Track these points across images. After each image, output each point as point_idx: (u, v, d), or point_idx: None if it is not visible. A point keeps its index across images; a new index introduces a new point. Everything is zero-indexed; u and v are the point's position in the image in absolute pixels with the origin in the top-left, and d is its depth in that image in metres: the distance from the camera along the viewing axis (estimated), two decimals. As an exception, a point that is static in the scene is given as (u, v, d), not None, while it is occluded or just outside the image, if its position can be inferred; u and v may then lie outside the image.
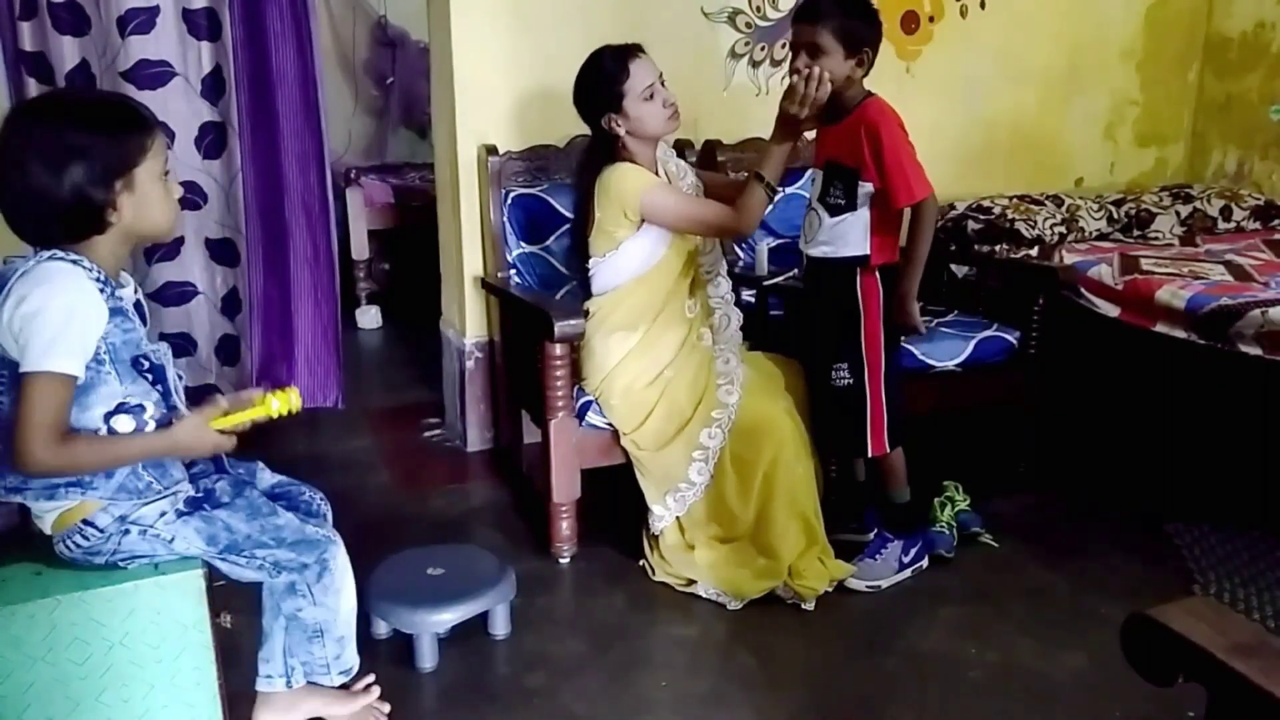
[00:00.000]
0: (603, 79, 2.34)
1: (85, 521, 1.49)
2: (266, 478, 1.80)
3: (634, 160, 2.39)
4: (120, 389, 1.47)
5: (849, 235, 2.27)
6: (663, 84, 2.36)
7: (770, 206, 2.35)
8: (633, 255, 2.39)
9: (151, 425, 1.51)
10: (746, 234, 2.37)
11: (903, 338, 2.40)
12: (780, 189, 2.41)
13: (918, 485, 2.48)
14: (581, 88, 2.39)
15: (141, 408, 1.50)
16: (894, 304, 2.28)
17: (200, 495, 1.59)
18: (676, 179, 2.53)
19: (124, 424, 1.47)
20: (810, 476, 2.39)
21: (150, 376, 1.51)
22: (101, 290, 1.44)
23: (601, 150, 2.42)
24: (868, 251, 2.27)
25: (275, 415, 1.59)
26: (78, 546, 1.50)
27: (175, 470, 1.58)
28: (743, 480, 2.35)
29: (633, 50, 2.36)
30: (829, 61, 2.17)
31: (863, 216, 2.25)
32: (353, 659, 1.81)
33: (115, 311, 1.46)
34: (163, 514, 1.54)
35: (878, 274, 2.29)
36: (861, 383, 2.32)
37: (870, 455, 2.38)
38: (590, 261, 2.46)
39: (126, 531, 1.51)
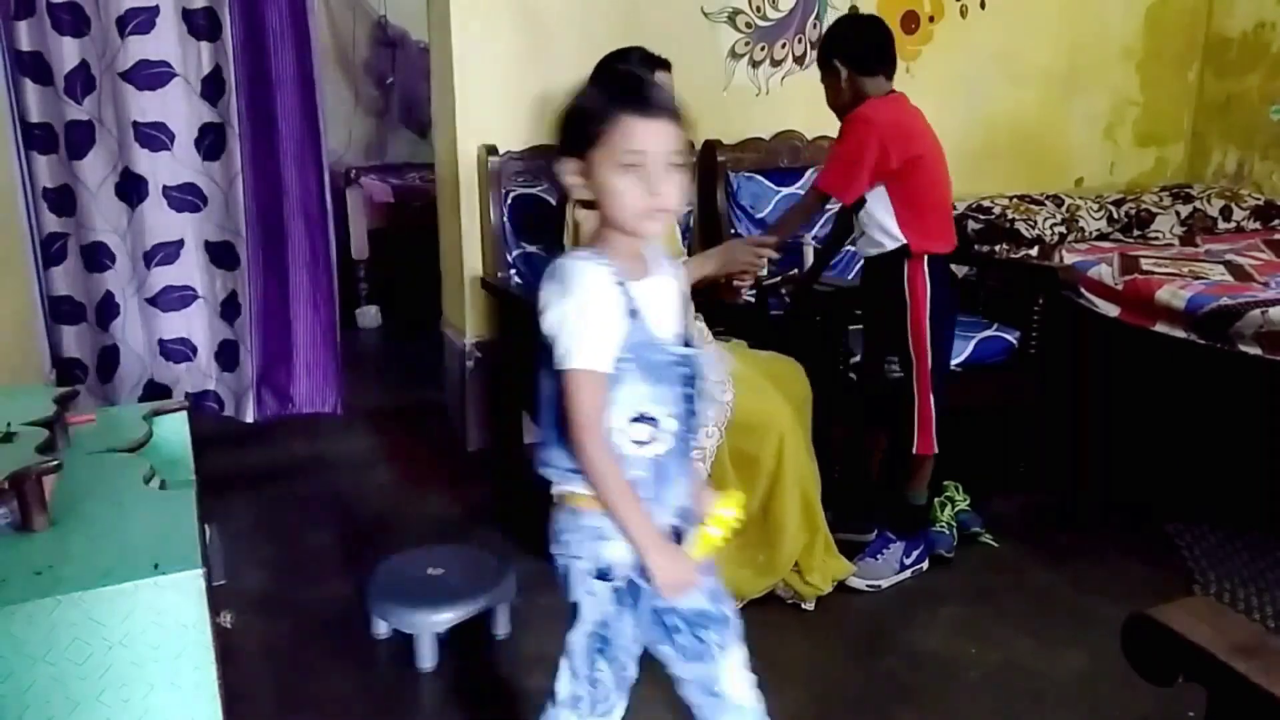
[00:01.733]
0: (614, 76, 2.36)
1: (575, 509, 1.41)
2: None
3: None
4: (645, 390, 1.34)
5: (870, 228, 2.33)
6: None
7: None
8: None
9: (668, 442, 1.37)
10: None
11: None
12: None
13: (917, 485, 2.49)
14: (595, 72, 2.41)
15: (655, 421, 1.36)
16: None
17: (634, 587, 1.41)
18: None
19: (639, 432, 1.36)
20: (814, 474, 2.39)
21: (678, 385, 1.37)
22: (619, 285, 1.32)
23: None
24: (904, 241, 2.29)
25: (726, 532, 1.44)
26: (555, 521, 1.45)
27: (661, 514, 1.41)
28: (745, 476, 2.35)
29: (658, 63, 2.39)
30: (826, 88, 2.37)
31: (874, 209, 2.30)
32: None
33: (632, 313, 1.33)
34: (608, 576, 1.40)
35: (926, 264, 2.30)
36: (910, 377, 2.33)
37: (915, 453, 2.38)
38: None
39: (577, 557, 1.42)
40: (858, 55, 2.30)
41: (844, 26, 2.39)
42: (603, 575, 1.41)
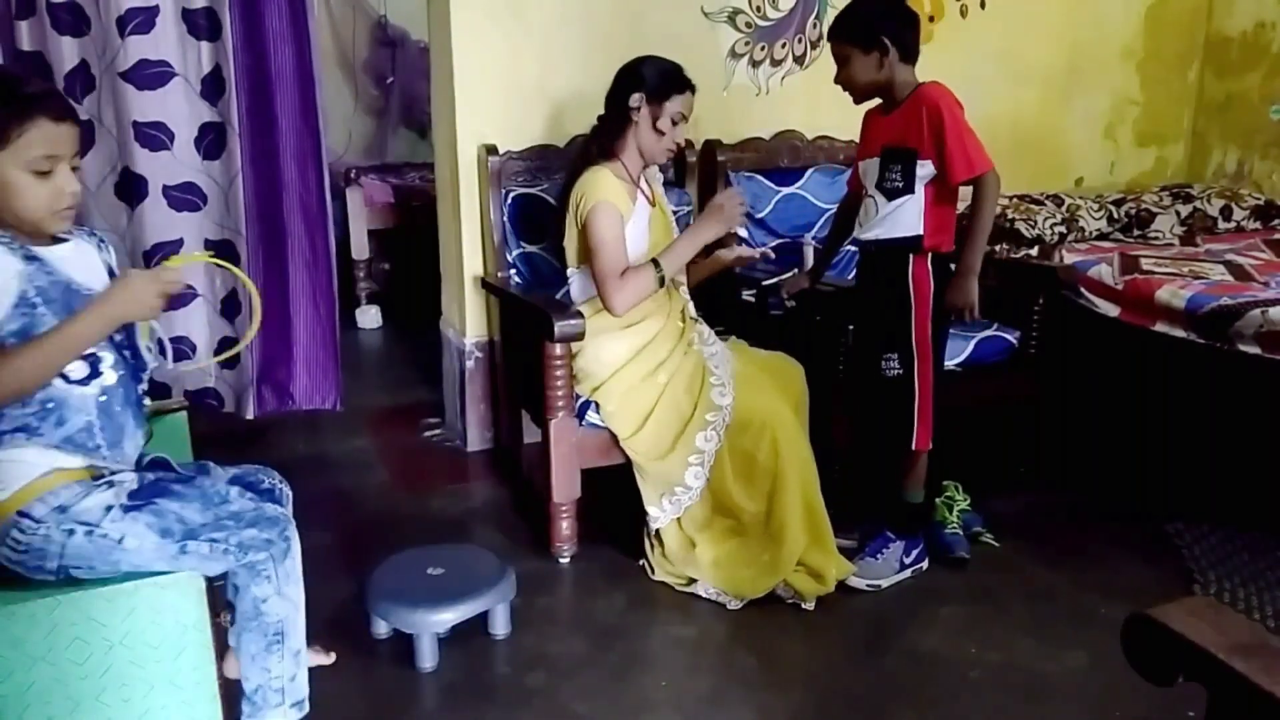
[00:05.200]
0: (669, 76, 2.41)
1: (20, 513, 1.44)
2: (220, 475, 1.74)
3: (623, 161, 2.43)
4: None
5: (903, 218, 2.28)
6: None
7: (655, 292, 2.41)
8: None
9: (112, 376, 1.51)
10: (612, 312, 2.38)
11: (955, 320, 2.34)
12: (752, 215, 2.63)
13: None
14: (642, 68, 2.43)
15: (97, 357, 1.49)
16: (952, 280, 2.29)
17: (145, 485, 1.56)
18: (661, 201, 2.58)
19: (78, 369, 1.47)
20: (813, 471, 2.39)
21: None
22: (9, 245, 1.43)
23: (597, 144, 2.45)
24: (921, 232, 2.27)
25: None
26: (17, 544, 1.44)
27: (129, 445, 1.57)
28: (745, 475, 2.35)
29: (693, 85, 2.45)
30: (855, 65, 2.27)
31: (919, 200, 2.26)
32: (305, 688, 1.71)
33: (30, 258, 1.45)
34: (108, 509, 1.48)
35: (930, 261, 2.29)
36: (911, 374, 2.32)
37: (914, 448, 2.37)
38: (569, 270, 2.51)
39: (71, 532, 1.45)
40: (906, 41, 2.25)
41: (891, 7, 2.29)
42: (102, 516, 1.48)
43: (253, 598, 1.61)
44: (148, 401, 1.63)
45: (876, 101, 2.35)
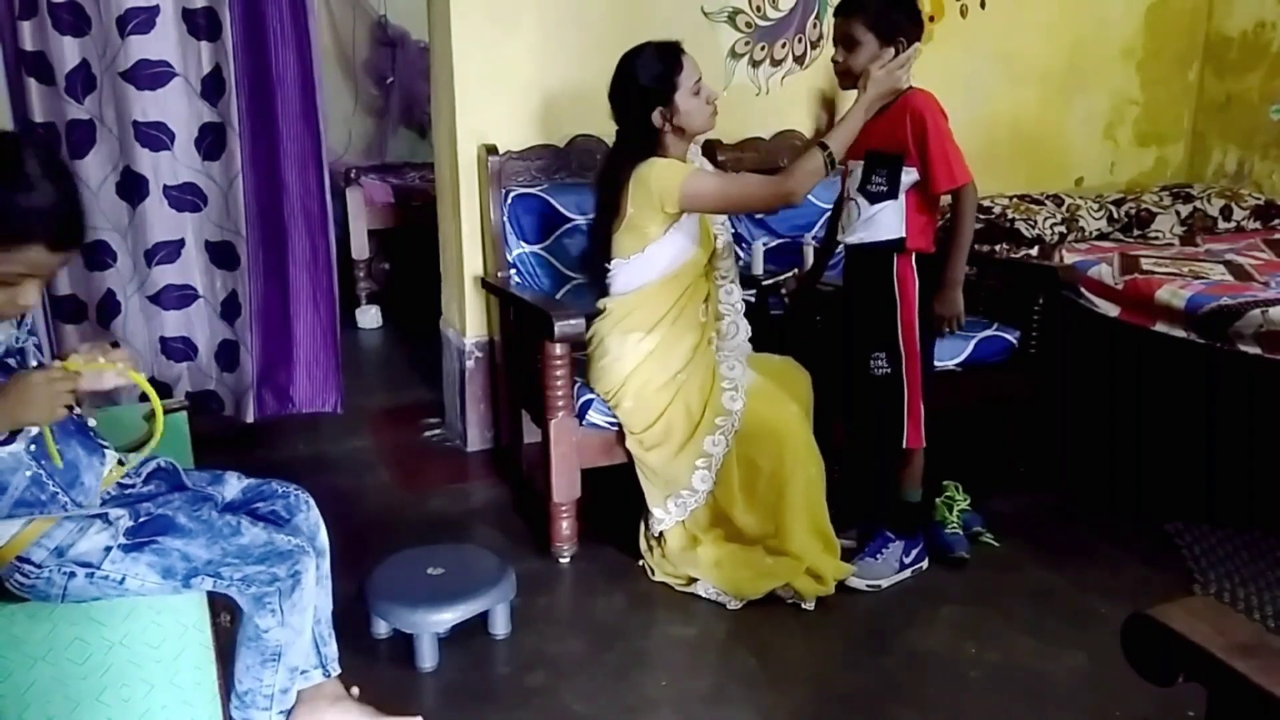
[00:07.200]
0: (656, 72, 2.32)
1: (19, 559, 1.42)
2: (234, 486, 1.70)
3: (669, 157, 2.37)
4: None
5: (884, 221, 2.29)
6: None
7: (827, 177, 2.27)
8: (661, 256, 2.37)
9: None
10: (796, 201, 2.28)
11: (943, 330, 2.35)
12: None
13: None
14: (627, 80, 2.36)
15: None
16: (938, 293, 2.30)
17: (145, 521, 1.50)
18: None
19: None
20: (820, 478, 2.38)
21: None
22: None
23: (636, 146, 2.36)
24: (904, 234, 2.28)
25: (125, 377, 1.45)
26: (21, 585, 1.43)
27: (89, 477, 1.49)
28: (748, 486, 2.35)
29: (679, 46, 2.36)
30: (863, 53, 2.23)
31: (900, 204, 2.27)
32: (293, 697, 1.71)
33: None
34: (108, 550, 1.45)
35: (914, 261, 2.30)
36: (899, 372, 2.32)
37: (906, 447, 2.37)
38: (613, 261, 2.42)
39: (72, 574, 1.43)
40: (911, 41, 2.25)
41: (909, 8, 2.27)
42: (102, 558, 1.45)
43: (255, 625, 1.61)
44: (91, 421, 1.55)
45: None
